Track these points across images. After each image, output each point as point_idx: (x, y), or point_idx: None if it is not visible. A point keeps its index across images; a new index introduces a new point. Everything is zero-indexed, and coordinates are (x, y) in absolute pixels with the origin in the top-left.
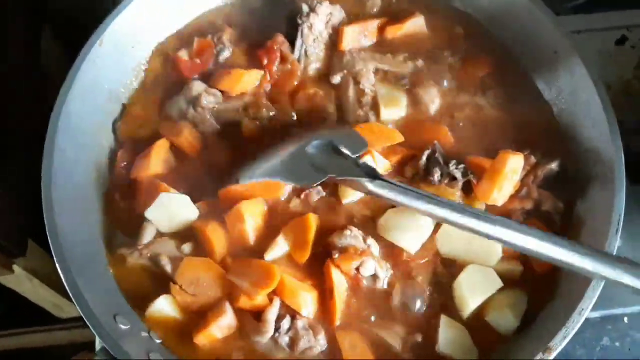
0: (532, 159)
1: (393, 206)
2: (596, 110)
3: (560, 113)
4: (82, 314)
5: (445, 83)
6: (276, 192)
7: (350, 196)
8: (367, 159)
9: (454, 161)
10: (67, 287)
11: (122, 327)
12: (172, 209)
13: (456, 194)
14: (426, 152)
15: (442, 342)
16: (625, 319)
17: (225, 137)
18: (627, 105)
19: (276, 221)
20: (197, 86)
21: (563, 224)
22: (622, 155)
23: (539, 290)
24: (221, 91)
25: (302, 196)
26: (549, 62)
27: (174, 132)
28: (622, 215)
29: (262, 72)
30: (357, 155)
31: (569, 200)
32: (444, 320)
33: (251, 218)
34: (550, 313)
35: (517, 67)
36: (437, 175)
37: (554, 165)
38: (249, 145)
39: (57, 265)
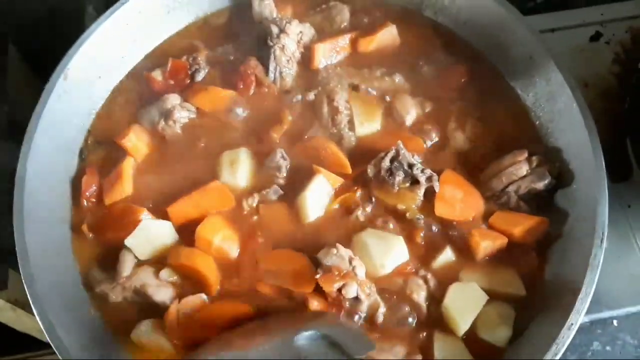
0: (523, 169)
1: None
2: (574, 117)
3: (539, 118)
4: None
5: (420, 92)
6: (226, 203)
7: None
8: (319, 178)
9: (419, 164)
10: (47, 337)
11: None
12: (152, 235)
13: (417, 199)
14: (390, 154)
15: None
16: (615, 322)
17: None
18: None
19: (244, 223)
20: (173, 99)
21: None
22: (602, 162)
23: (527, 306)
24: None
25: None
26: (525, 68)
27: (121, 135)
28: (606, 224)
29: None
30: (358, 357)
31: (551, 207)
32: (438, 337)
33: (217, 236)
34: (540, 328)
35: (494, 75)
36: (398, 178)
37: (540, 185)
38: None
39: (36, 316)
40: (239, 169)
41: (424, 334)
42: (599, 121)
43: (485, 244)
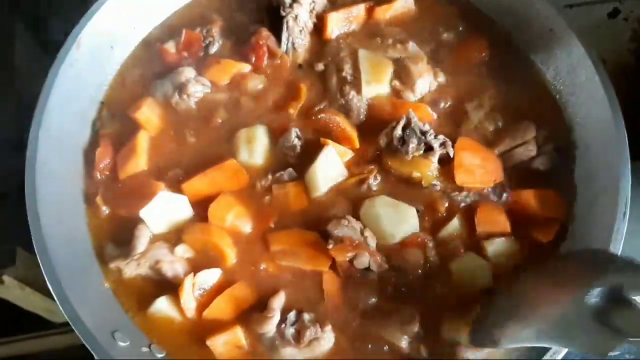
0: (533, 150)
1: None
2: (596, 90)
3: (560, 92)
4: (79, 335)
5: (435, 62)
6: (241, 182)
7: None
8: (328, 149)
9: (431, 131)
10: (61, 308)
11: (122, 344)
12: (168, 209)
13: (431, 166)
14: (402, 121)
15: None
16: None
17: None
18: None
19: (257, 203)
20: (187, 73)
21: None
22: (625, 135)
23: None
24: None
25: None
26: (546, 41)
27: (134, 108)
28: (629, 197)
29: (249, 66)
30: None
31: (570, 184)
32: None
33: (230, 214)
34: None
35: (514, 48)
36: (412, 145)
37: (548, 166)
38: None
39: (49, 286)
40: (256, 148)
41: None
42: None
43: (481, 229)
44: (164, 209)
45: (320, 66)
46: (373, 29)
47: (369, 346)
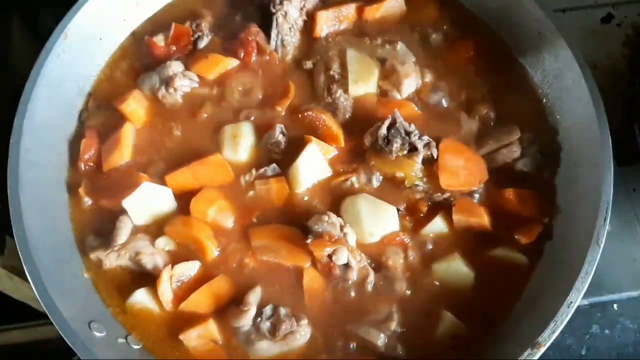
0: (517, 151)
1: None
2: (582, 93)
3: (546, 95)
4: (54, 323)
5: (423, 63)
6: (225, 178)
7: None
8: (311, 146)
9: (416, 131)
10: (38, 297)
11: (98, 334)
12: (151, 201)
13: (415, 167)
14: (387, 121)
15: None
16: (615, 306)
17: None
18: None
19: (240, 198)
20: (175, 67)
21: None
22: (610, 140)
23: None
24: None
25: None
26: (534, 44)
27: (120, 100)
28: (610, 203)
29: (238, 61)
30: None
31: (553, 186)
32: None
33: (212, 208)
34: (538, 306)
35: (502, 50)
36: (396, 144)
37: (532, 169)
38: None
39: (26, 272)
40: (240, 144)
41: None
42: (607, 104)
43: (458, 217)
44: (147, 201)
45: (308, 64)
46: (363, 28)
47: (345, 344)
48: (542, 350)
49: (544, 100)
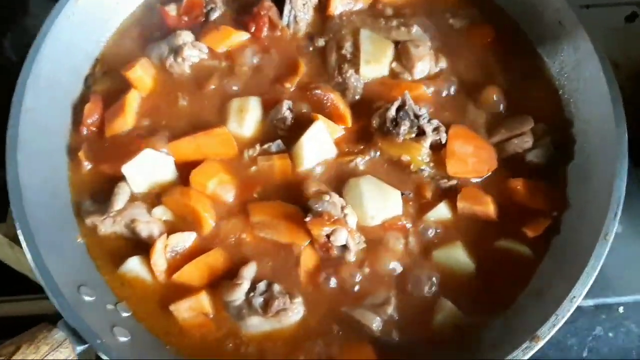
0: (529, 142)
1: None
2: (600, 86)
3: (563, 87)
4: (41, 282)
5: (438, 47)
6: (229, 151)
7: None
8: (318, 124)
9: (426, 115)
10: (27, 253)
11: (86, 298)
12: (152, 168)
13: (422, 151)
14: (396, 103)
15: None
16: (621, 308)
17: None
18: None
19: (242, 173)
20: (185, 36)
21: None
22: (626, 135)
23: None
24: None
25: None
26: (553, 34)
27: (127, 67)
28: (622, 198)
29: (249, 35)
30: None
31: (564, 179)
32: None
33: (213, 181)
34: (541, 300)
35: (520, 38)
36: (404, 127)
37: (544, 160)
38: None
39: (16, 226)
40: (247, 118)
41: None
42: (626, 103)
43: (463, 205)
44: (147, 168)
45: (320, 42)
46: (378, 9)
47: (338, 326)
48: (541, 344)
49: (560, 92)
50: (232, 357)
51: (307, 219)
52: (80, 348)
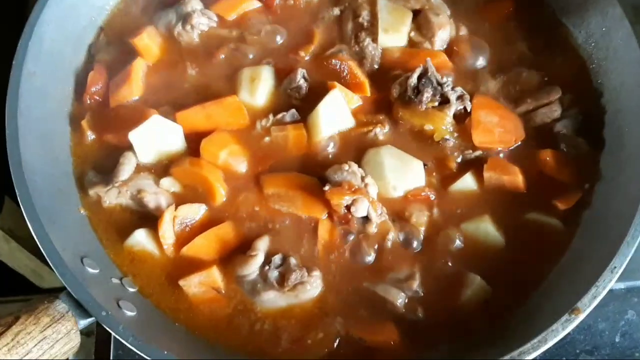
0: (557, 111)
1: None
2: (631, 52)
3: (590, 56)
4: (42, 251)
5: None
6: (240, 121)
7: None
8: (335, 92)
9: (449, 82)
10: (28, 224)
11: (90, 270)
12: (160, 136)
13: (446, 120)
14: (418, 70)
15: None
16: None
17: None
18: None
19: (254, 144)
20: (194, 4)
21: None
22: None
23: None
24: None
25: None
26: (579, 2)
27: (133, 34)
28: None
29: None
30: None
31: (594, 150)
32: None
33: (224, 151)
34: (576, 274)
35: (544, 8)
36: (427, 94)
37: (571, 130)
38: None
39: (19, 199)
40: (259, 88)
41: None
42: None
43: (489, 175)
44: (155, 136)
45: (336, 11)
46: None
47: (358, 302)
48: (581, 317)
49: (587, 61)
50: (244, 334)
51: (326, 188)
52: (83, 322)
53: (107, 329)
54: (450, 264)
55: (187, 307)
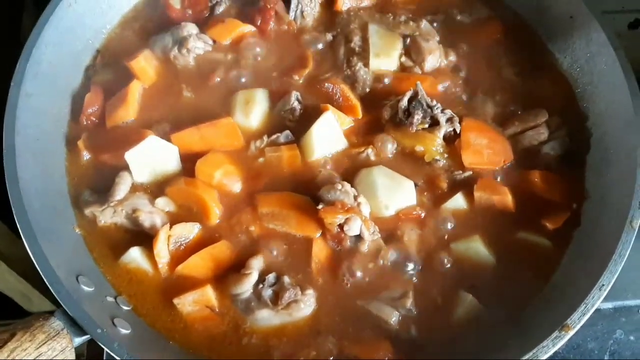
0: (544, 134)
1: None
2: (616, 76)
3: (576, 81)
4: (37, 268)
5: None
6: (235, 142)
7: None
8: (328, 114)
9: (438, 105)
10: (22, 235)
11: (85, 288)
12: (156, 156)
13: (436, 141)
14: (408, 93)
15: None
16: None
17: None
18: None
19: (248, 164)
20: (190, 28)
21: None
22: None
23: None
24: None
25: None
26: (564, 28)
27: (130, 57)
28: None
29: (255, 28)
30: None
31: (582, 171)
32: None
33: (219, 171)
34: (566, 292)
35: (529, 34)
36: (417, 116)
37: (560, 152)
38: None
39: (13, 212)
40: (253, 110)
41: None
42: None
43: (480, 195)
44: (151, 156)
45: (328, 36)
46: (386, 5)
47: (352, 321)
48: (571, 333)
49: (573, 86)
50: (238, 352)
51: (320, 207)
52: (78, 339)
53: (102, 346)
54: (442, 282)
55: (181, 326)
